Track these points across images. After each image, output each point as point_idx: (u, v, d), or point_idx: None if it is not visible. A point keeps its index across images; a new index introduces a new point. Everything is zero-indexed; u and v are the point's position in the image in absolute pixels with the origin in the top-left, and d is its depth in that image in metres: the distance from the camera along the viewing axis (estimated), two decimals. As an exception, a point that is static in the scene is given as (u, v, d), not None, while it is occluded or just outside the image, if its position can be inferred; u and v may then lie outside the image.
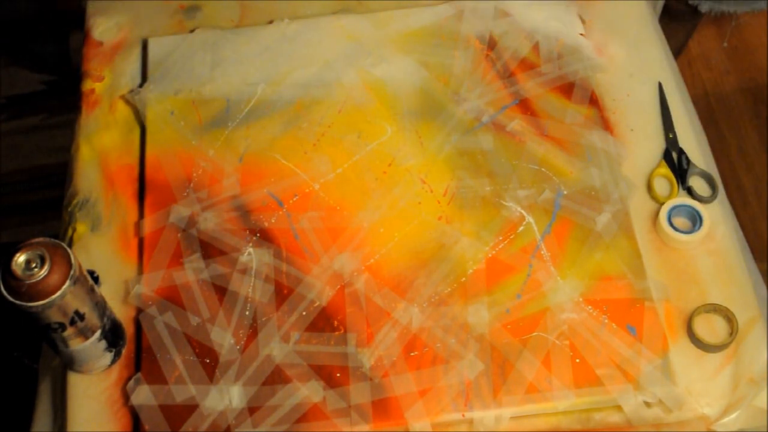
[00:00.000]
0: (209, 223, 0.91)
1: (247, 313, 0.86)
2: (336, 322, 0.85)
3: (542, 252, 0.88)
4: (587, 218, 0.90)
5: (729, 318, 0.84)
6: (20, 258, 0.73)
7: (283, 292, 0.87)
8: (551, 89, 0.99)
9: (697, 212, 0.89)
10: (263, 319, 0.86)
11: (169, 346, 0.85)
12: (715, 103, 1.85)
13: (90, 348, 0.81)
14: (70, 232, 0.93)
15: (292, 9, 1.07)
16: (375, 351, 0.84)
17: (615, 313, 0.85)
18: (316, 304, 0.86)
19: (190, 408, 0.82)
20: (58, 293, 0.74)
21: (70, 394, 0.84)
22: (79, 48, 1.08)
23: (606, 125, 0.97)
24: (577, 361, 0.82)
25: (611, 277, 0.87)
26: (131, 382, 0.83)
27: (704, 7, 1.47)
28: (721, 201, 0.93)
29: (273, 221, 0.91)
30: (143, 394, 0.82)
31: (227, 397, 0.82)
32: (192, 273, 0.88)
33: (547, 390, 0.81)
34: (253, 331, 0.85)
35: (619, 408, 0.81)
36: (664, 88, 0.99)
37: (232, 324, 0.86)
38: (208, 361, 0.84)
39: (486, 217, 0.91)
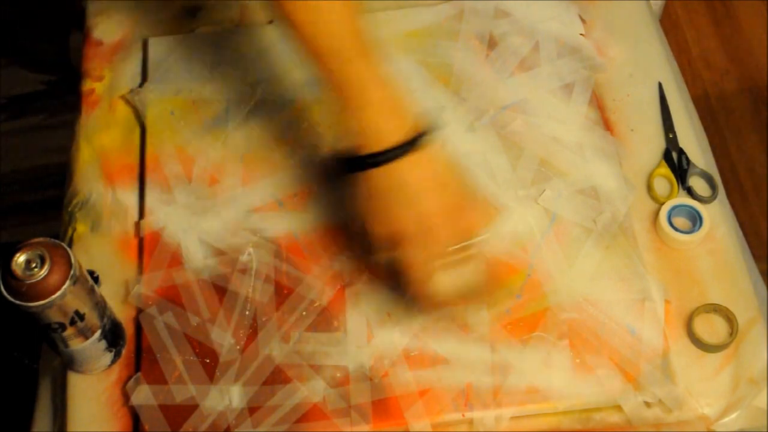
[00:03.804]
0: (210, 222, 0.91)
1: (247, 313, 0.86)
2: (336, 322, 0.85)
3: (542, 252, 0.88)
4: (587, 218, 0.90)
5: (729, 318, 0.84)
6: (20, 258, 0.73)
7: (283, 292, 0.87)
8: (551, 89, 0.99)
9: (697, 212, 0.89)
10: (263, 319, 0.86)
11: (169, 346, 0.85)
12: (715, 103, 1.85)
13: (90, 348, 0.81)
14: (70, 232, 0.93)
15: (292, 9, 1.07)
16: (375, 351, 0.84)
17: (615, 313, 0.85)
18: (316, 304, 0.86)
19: (190, 408, 0.82)
20: (58, 293, 0.74)
21: (70, 394, 0.84)
22: (79, 48, 1.08)
23: (606, 125, 0.97)
24: (577, 361, 0.82)
25: (611, 277, 0.87)
26: (131, 382, 0.83)
27: None
28: (721, 201, 0.93)
29: (273, 221, 0.91)
30: (143, 394, 0.82)
31: (227, 397, 0.82)
32: (192, 273, 0.89)
33: (547, 390, 0.81)
34: (253, 331, 0.85)
35: (619, 408, 0.81)
36: (664, 88, 0.99)
37: (232, 324, 0.86)
38: (208, 361, 0.84)
39: (486, 217, 0.91)
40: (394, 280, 0.79)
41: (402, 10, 1.06)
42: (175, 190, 0.94)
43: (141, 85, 1.02)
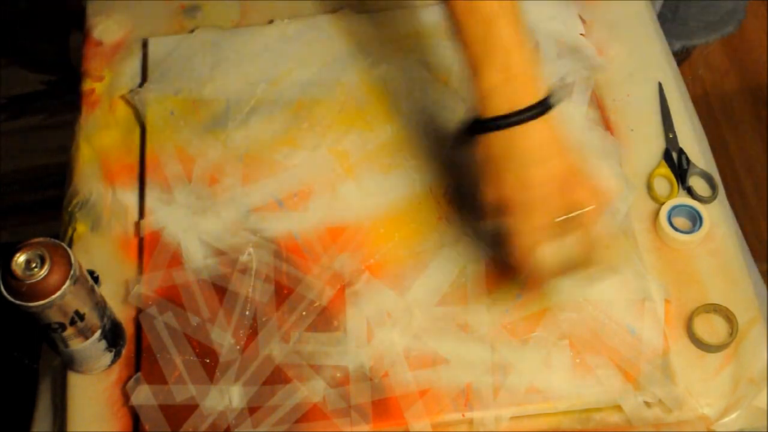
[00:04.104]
0: (209, 222, 0.91)
1: (247, 313, 0.86)
2: (336, 322, 0.85)
3: (542, 252, 0.88)
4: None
5: (729, 318, 0.84)
6: (20, 258, 0.73)
7: (283, 292, 0.87)
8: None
9: (697, 212, 0.89)
10: (263, 319, 0.86)
11: (169, 346, 0.85)
12: (715, 103, 1.85)
13: (90, 348, 0.81)
14: (70, 232, 0.93)
15: (292, 9, 1.07)
16: (375, 351, 0.84)
17: (615, 313, 0.85)
18: (316, 304, 0.86)
19: (190, 408, 0.82)
20: (58, 293, 0.74)
21: (70, 394, 0.84)
22: (79, 48, 1.08)
23: (606, 125, 0.97)
24: (577, 361, 0.82)
25: (611, 277, 0.86)
26: (131, 382, 0.83)
27: (676, 46, 1.47)
28: (721, 201, 0.93)
29: (273, 221, 0.91)
30: (143, 394, 0.82)
31: (227, 397, 0.82)
32: (192, 273, 0.88)
33: (547, 390, 0.81)
34: (253, 331, 0.85)
35: (619, 408, 0.81)
36: (664, 88, 0.99)
37: (232, 324, 0.86)
38: (208, 361, 0.84)
39: (486, 217, 0.91)
40: (499, 249, 0.78)
41: (402, 10, 1.06)
42: (175, 190, 0.94)
43: (141, 85, 1.02)
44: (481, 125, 0.75)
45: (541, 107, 0.74)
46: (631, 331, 0.83)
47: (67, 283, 0.74)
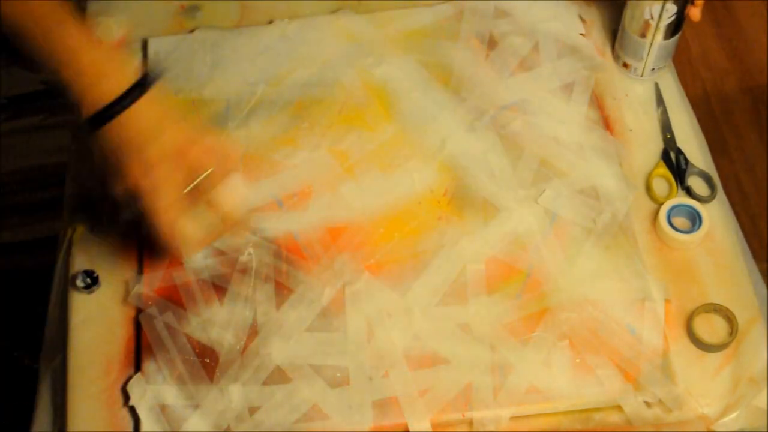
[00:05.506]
0: (209, 223, 0.91)
1: (247, 313, 0.86)
2: (336, 322, 0.85)
3: (542, 252, 0.88)
4: (587, 218, 0.90)
5: (729, 318, 0.84)
6: None
7: (283, 292, 0.87)
8: (551, 89, 0.99)
9: (697, 212, 0.89)
10: (263, 319, 0.86)
11: (169, 346, 0.85)
12: (715, 103, 1.85)
13: None
14: (70, 232, 0.93)
15: (292, 9, 1.07)
16: (375, 351, 0.84)
17: (615, 313, 0.85)
18: (316, 304, 0.86)
19: (190, 408, 0.82)
20: None
21: (70, 394, 0.84)
22: (79, 48, 1.08)
23: (606, 125, 0.97)
24: (577, 361, 0.82)
25: (611, 277, 0.87)
26: (131, 382, 0.83)
27: None
28: (721, 201, 0.93)
29: (273, 221, 0.91)
30: (143, 394, 0.82)
31: (227, 397, 0.82)
32: (192, 273, 0.89)
33: (547, 390, 0.81)
34: (253, 331, 0.85)
35: (619, 408, 0.81)
36: (662, 87, 0.99)
37: (232, 324, 0.86)
38: (208, 361, 0.84)
39: (486, 217, 0.91)
40: (150, 235, 0.80)
41: (402, 10, 1.06)
42: (175, 190, 0.94)
43: (141, 85, 1.02)
44: (93, 121, 0.77)
45: (140, 88, 0.77)
46: (631, 331, 0.84)
47: None
